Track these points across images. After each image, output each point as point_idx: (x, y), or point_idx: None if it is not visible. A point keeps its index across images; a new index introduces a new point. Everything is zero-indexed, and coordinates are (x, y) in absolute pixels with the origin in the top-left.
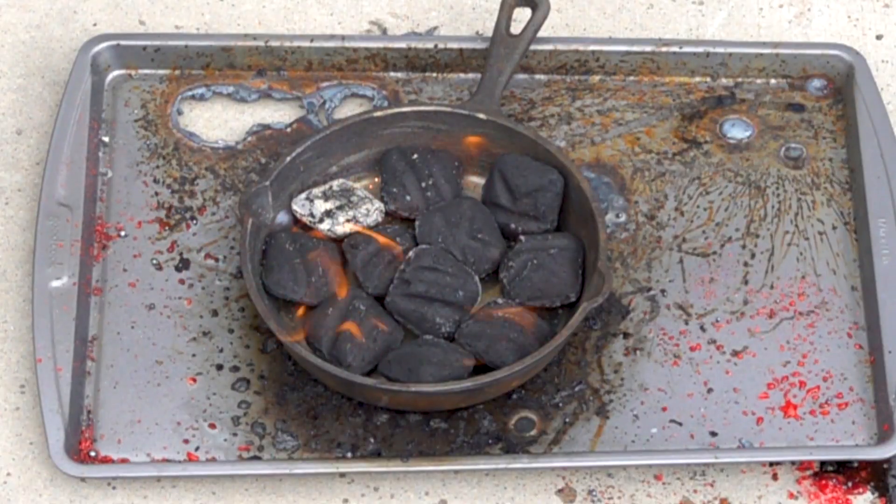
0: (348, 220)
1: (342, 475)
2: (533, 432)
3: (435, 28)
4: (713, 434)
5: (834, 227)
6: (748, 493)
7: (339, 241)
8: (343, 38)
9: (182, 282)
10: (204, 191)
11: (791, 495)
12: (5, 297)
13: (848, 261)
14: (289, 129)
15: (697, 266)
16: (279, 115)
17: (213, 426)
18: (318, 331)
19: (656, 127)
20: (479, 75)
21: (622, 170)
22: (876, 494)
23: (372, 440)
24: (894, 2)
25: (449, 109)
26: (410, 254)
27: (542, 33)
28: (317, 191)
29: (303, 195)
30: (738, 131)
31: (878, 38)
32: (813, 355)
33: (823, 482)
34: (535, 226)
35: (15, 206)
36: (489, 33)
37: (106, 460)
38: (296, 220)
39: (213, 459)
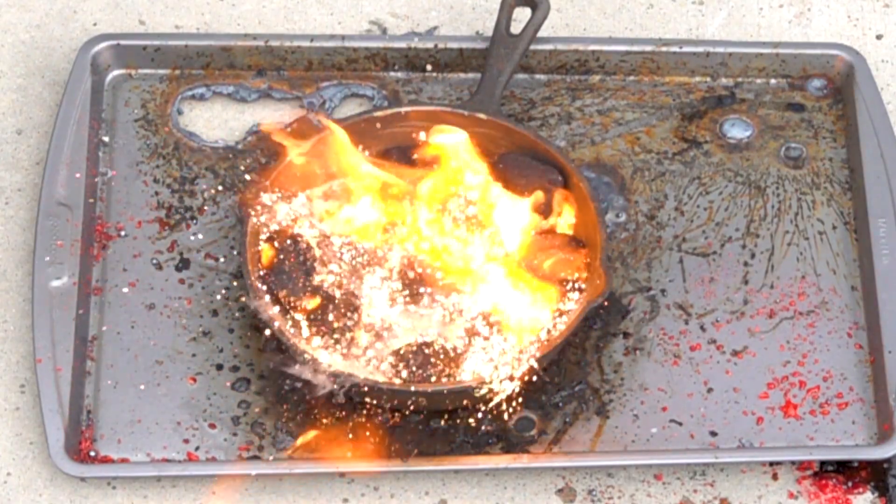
0: (349, 220)
1: (342, 475)
2: (533, 432)
3: (435, 28)
4: (713, 434)
5: (834, 227)
6: (748, 492)
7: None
8: (343, 37)
9: (182, 281)
10: (204, 190)
11: (791, 495)
12: (5, 296)
13: (848, 260)
14: (289, 129)
15: (697, 266)
16: (279, 114)
17: (213, 426)
18: None
19: (656, 127)
20: (479, 75)
21: (622, 169)
22: (876, 494)
23: (372, 439)
24: (894, 2)
25: (449, 109)
26: None
27: (541, 33)
28: (317, 190)
29: (303, 195)
30: (738, 131)
31: (878, 37)
32: (813, 355)
33: (823, 482)
34: None
35: (15, 205)
36: (489, 33)
37: (106, 460)
38: (296, 220)
39: (213, 459)
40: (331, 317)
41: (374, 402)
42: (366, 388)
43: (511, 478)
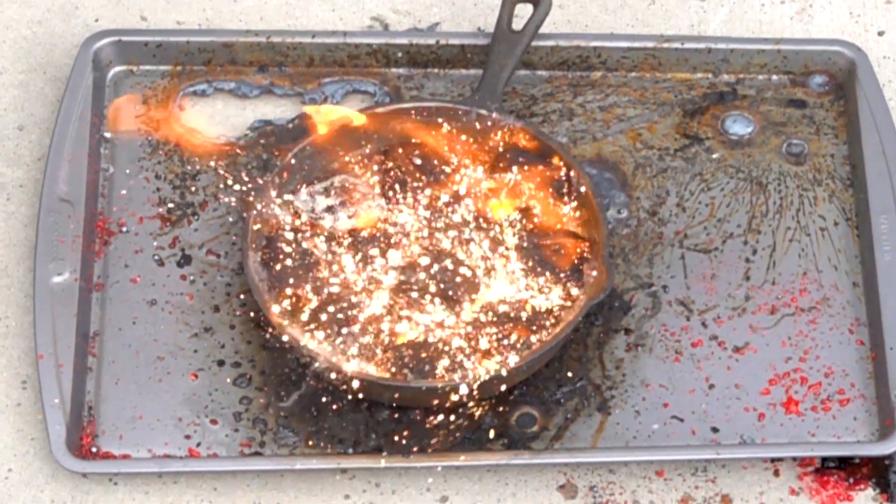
0: (350, 217)
1: (343, 471)
2: (534, 428)
3: (436, 24)
4: (714, 430)
5: (835, 224)
6: (750, 489)
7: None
8: (345, 34)
9: (184, 277)
10: (205, 187)
11: (792, 491)
12: (7, 292)
13: (849, 257)
14: (290, 125)
15: (699, 262)
16: (281, 110)
17: (214, 422)
18: None
19: (658, 123)
20: (480, 71)
21: (624, 166)
22: (877, 490)
23: (373, 436)
24: None
25: (451, 105)
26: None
27: (543, 29)
28: (318, 186)
29: (304, 191)
30: (739, 127)
31: (880, 34)
32: (814, 351)
33: (825, 478)
34: None
35: (16, 201)
36: (491, 29)
37: (107, 456)
38: (297, 216)
39: (215, 455)
40: (331, 312)
41: (374, 397)
42: (364, 384)
43: (512, 474)
